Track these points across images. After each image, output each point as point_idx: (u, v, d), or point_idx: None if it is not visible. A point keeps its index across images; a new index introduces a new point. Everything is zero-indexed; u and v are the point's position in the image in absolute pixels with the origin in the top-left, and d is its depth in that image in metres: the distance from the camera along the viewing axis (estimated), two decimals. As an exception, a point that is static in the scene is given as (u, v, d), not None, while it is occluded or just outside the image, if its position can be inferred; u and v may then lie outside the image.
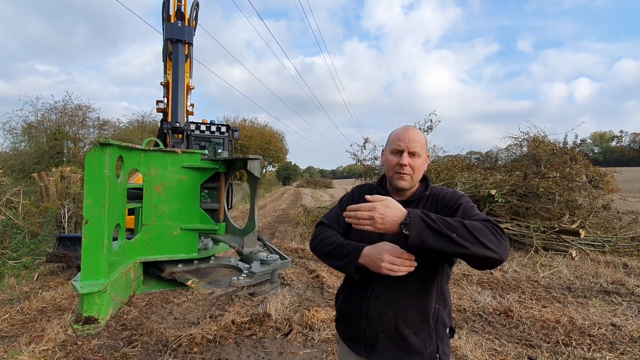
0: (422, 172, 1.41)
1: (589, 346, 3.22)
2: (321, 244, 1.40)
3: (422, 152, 1.36)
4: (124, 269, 1.51)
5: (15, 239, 6.13)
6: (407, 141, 1.34)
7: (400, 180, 1.36)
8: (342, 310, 1.49)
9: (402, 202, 1.37)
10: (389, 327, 1.30)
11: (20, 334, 3.39)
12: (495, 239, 1.10)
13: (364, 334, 1.34)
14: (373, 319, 1.32)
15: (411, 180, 1.37)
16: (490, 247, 1.07)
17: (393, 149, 1.38)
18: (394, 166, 1.37)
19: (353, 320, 1.40)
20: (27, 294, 4.54)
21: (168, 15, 5.54)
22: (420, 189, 1.45)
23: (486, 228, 1.11)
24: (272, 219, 12.86)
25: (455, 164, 10.20)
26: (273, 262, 1.75)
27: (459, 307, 4.13)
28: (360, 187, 1.62)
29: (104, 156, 1.32)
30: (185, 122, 5.49)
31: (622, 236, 7.38)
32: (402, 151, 1.35)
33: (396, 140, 1.38)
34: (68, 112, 16.27)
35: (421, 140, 1.37)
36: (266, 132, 33.86)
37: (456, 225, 1.08)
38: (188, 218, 1.82)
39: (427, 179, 1.47)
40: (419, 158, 1.36)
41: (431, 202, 1.38)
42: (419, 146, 1.35)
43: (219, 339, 3.30)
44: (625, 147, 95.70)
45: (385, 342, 1.31)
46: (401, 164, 1.34)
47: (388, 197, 1.16)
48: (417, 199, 1.41)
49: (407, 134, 1.36)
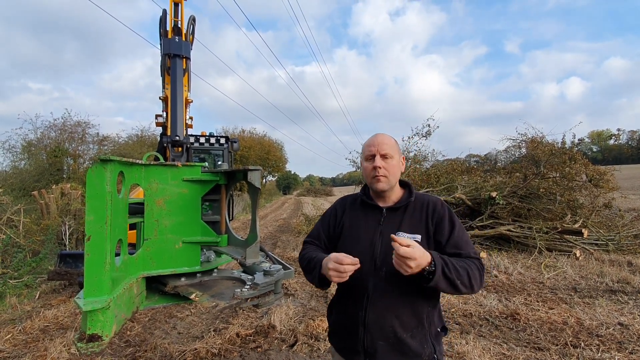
0: (398, 173, 1.46)
1: (598, 347, 3.18)
2: (301, 260, 1.53)
3: (394, 154, 1.42)
4: (126, 284, 1.51)
5: (17, 258, 6.10)
6: (376, 145, 1.42)
7: (378, 183, 1.41)
8: (338, 324, 1.50)
9: (387, 209, 1.44)
10: (388, 333, 1.33)
11: (23, 354, 3.35)
12: (481, 280, 1.28)
13: (362, 344, 1.35)
14: (371, 328, 1.34)
15: (388, 181, 1.41)
16: (474, 288, 1.26)
17: (366, 155, 1.45)
18: (370, 171, 1.42)
19: (350, 331, 1.40)
20: (29, 313, 4.50)
21: (165, 31, 5.61)
22: (404, 195, 1.49)
23: (478, 272, 1.28)
24: (273, 229, 12.82)
25: (455, 168, 10.22)
26: (276, 273, 1.74)
27: (465, 312, 4.09)
28: (343, 199, 1.66)
29: (105, 172, 1.33)
30: (184, 136, 5.51)
31: (625, 234, 7.35)
32: (374, 155, 1.41)
33: (367, 147, 1.45)
34: (67, 128, 16.33)
35: (390, 143, 1.44)
36: (265, 142, 33.93)
37: (462, 274, 1.22)
38: (190, 231, 1.81)
39: (410, 185, 1.52)
40: (391, 159, 1.41)
41: (419, 210, 1.43)
42: (389, 148, 1.41)
43: (223, 353, 3.27)
44: (623, 144, 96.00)
45: (385, 350, 1.33)
46: (375, 166, 1.40)
47: (416, 244, 1.19)
48: (402, 205, 1.44)
49: (376, 139, 1.44)
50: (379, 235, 1.40)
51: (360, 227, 1.47)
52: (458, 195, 8.16)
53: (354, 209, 1.55)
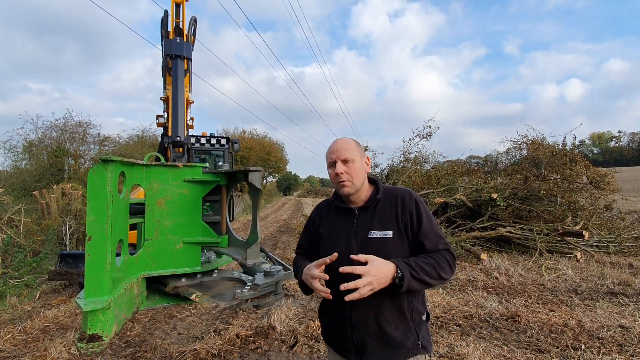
0: (363, 175, 1.47)
1: (599, 349, 3.17)
2: (294, 271, 1.60)
3: (355, 157, 1.44)
4: (127, 285, 1.51)
5: (17, 258, 6.11)
6: (336, 152, 1.44)
7: (343, 188, 1.44)
8: (328, 324, 1.55)
9: (359, 209, 1.48)
10: (373, 328, 1.38)
11: (23, 354, 3.35)
12: (450, 270, 1.34)
13: (352, 341, 1.41)
14: (358, 325, 1.39)
15: (352, 185, 1.43)
16: (445, 278, 1.33)
17: (328, 163, 1.48)
18: (334, 177, 1.45)
19: (340, 330, 1.46)
20: (29, 313, 4.50)
21: (167, 32, 5.62)
22: (372, 192, 1.51)
23: (447, 262, 1.33)
24: (274, 230, 12.81)
25: (456, 169, 10.21)
26: (277, 274, 1.75)
27: (465, 314, 4.09)
28: (319, 206, 1.70)
29: (106, 173, 1.33)
30: (185, 136, 5.52)
31: (626, 236, 7.34)
32: (335, 162, 1.44)
33: (328, 154, 1.48)
34: (68, 129, 16.38)
35: (350, 146, 1.45)
36: (265, 143, 33.94)
37: (429, 271, 1.28)
38: (190, 231, 1.82)
39: (377, 182, 1.54)
40: (353, 163, 1.43)
41: (388, 205, 1.45)
42: (348, 152, 1.43)
43: (223, 354, 3.26)
44: (624, 146, 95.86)
45: (372, 344, 1.38)
46: (337, 172, 1.42)
47: (375, 259, 1.25)
48: (372, 204, 1.47)
49: (336, 145, 1.46)
50: (354, 236, 1.44)
51: (336, 231, 1.51)
52: (459, 197, 8.16)
53: (329, 214, 1.59)
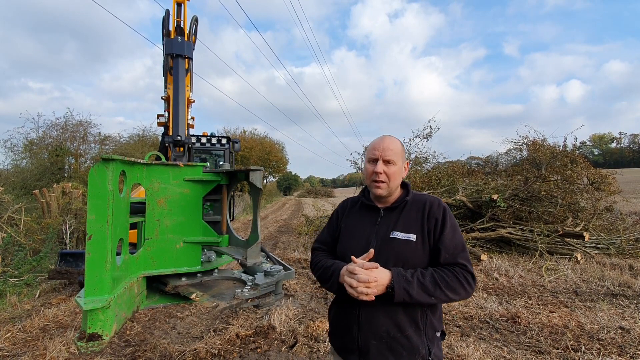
0: (399, 180, 1.45)
1: (599, 350, 3.17)
2: (314, 269, 1.55)
3: (397, 160, 1.40)
4: (127, 284, 1.50)
5: (17, 257, 6.11)
6: (381, 150, 1.39)
7: (377, 189, 1.41)
8: (335, 322, 1.51)
9: (385, 209, 1.45)
10: (381, 333, 1.33)
11: (23, 353, 3.35)
12: (464, 290, 1.28)
13: (356, 343, 1.36)
14: (364, 326, 1.35)
15: (387, 187, 1.40)
16: (453, 299, 1.28)
17: (369, 157, 1.44)
18: (371, 174, 1.41)
19: (345, 329, 1.42)
20: (29, 312, 4.50)
21: (168, 31, 5.62)
22: (401, 195, 1.49)
23: (458, 282, 1.27)
24: (274, 230, 12.81)
25: (456, 170, 10.21)
26: (277, 274, 1.74)
27: (465, 315, 4.08)
28: (344, 201, 1.68)
29: (107, 171, 1.33)
30: (186, 136, 5.52)
31: (626, 238, 7.33)
32: (377, 159, 1.39)
33: (372, 149, 1.43)
34: (69, 128, 16.36)
35: (396, 148, 1.41)
36: (266, 143, 33.94)
37: (431, 290, 1.25)
38: (191, 231, 1.81)
39: (407, 185, 1.52)
40: (394, 166, 1.39)
41: (415, 210, 1.42)
42: (393, 154, 1.39)
43: (223, 353, 3.26)
44: (624, 148, 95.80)
45: (377, 349, 1.33)
46: (375, 171, 1.38)
47: (377, 265, 1.26)
48: (399, 205, 1.44)
49: (382, 143, 1.41)
50: (375, 235, 1.41)
51: (357, 226, 1.49)
52: (459, 198, 8.15)
53: (353, 210, 1.57)
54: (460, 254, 1.33)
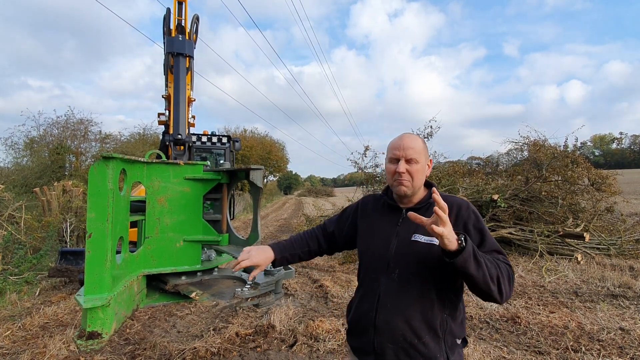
0: (423, 178, 1.40)
1: (599, 351, 3.17)
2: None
3: (419, 158, 1.35)
4: (127, 282, 1.50)
5: (17, 254, 6.11)
6: (402, 149, 1.35)
7: (400, 187, 1.36)
8: (353, 322, 1.47)
9: (409, 209, 1.39)
10: (397, 337, 1.28)
11: (22, 350, 3.35)
12: (509, 285, 1.19)
13: (372, 346, 1.32)
14: (381, 329, 1.31)
15: (411, 186, 1.36)
16: (502, 289, 1.16)
17: (390, 157, 1.39)
18: (393, 174, 1.37)
19: (362, 331, 1.38)
20: (28, 309, 4.50)
21: (169, 30, 5.61)
22: (426, 195, 1.43)
23: (507, 275, 1.18)
24: (274, 229, 12.81)
25: (457, 170, 10.18)
26: (277, 273, 1.74)
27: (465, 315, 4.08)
28: (366, 197, 1.64)
29: (107, 170, 1.32)
30: (187, 134, 5.52)
31: (626, 238, 7.32)
32: (399, 159, 1.35)
33: (393, 149, 1.38)
34: (70, 126, 16.38)
35: (418, 146, 1.36)
36: (266, 142, 33.92)
37: (489, 266, 1.13)
38: (191, 230, 1.81)
39: (433, 186, 1.45)
40: (416, 164, 1.35)
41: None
42: (415, 153, 1.34)
43: (223, 352, 3.26)
44: (625, 149, 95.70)
45: (394, 353, 1.29)
46: (398, 171, 1.34)
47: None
48: (424, 205, 1.39)
49: (403, 142, 1.36)
50: (395, 235, 1.37)
51: (376, 226, 1.45)
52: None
53: (375, 208, 1.53)
54: (500, 256, 1.25)
